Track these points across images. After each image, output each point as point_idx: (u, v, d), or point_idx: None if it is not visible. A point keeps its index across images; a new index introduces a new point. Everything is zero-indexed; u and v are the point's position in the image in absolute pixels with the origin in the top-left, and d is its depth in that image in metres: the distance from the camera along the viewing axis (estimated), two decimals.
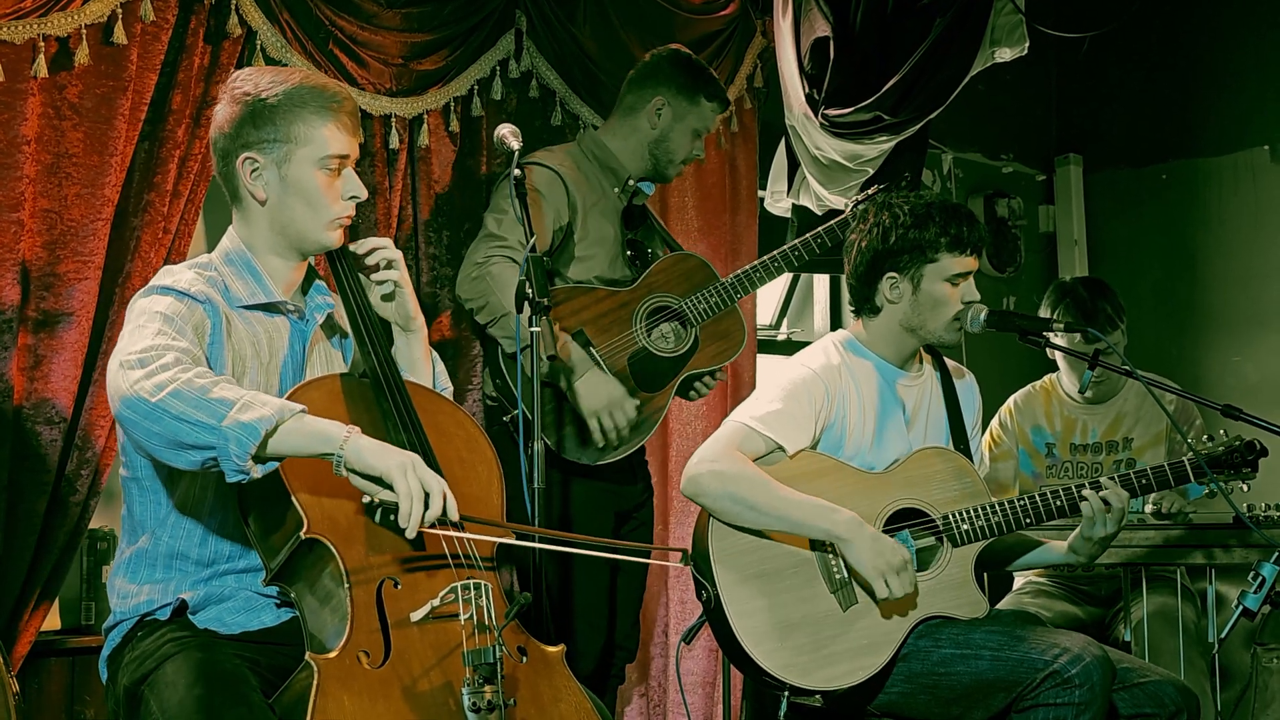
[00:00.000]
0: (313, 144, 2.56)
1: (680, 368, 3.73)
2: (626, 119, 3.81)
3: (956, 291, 3.19)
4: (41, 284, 3.19)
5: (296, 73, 2.63)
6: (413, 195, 3.90)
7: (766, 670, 2.95)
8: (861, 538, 2.97)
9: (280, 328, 2.65)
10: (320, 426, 2.29)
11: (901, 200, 3.23)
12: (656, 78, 3.80)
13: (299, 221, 2.60)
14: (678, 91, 3.78)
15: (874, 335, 3.28)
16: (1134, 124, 6.08)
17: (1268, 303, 5.63)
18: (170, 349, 2.34)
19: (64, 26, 3.17)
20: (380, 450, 2.29)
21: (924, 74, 4.59)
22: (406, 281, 2.73)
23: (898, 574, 2.95)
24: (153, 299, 2.48)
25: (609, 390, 3.50)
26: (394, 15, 3.81)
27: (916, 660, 3.01)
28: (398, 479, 2.27)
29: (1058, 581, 4.19)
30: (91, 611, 3.55)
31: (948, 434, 3.32)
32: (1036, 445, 4.27)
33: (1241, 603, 2.91)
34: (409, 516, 2.27)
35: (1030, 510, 3.10)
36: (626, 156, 3.80)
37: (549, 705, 2.38)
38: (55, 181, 3.21)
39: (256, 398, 2.27)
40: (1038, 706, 2.86)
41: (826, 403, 3.15)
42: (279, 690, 2.30)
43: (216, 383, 2.28)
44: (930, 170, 5.70)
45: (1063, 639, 2.93)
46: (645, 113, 3.78)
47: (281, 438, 2.26)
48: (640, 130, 3.79)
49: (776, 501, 3.00)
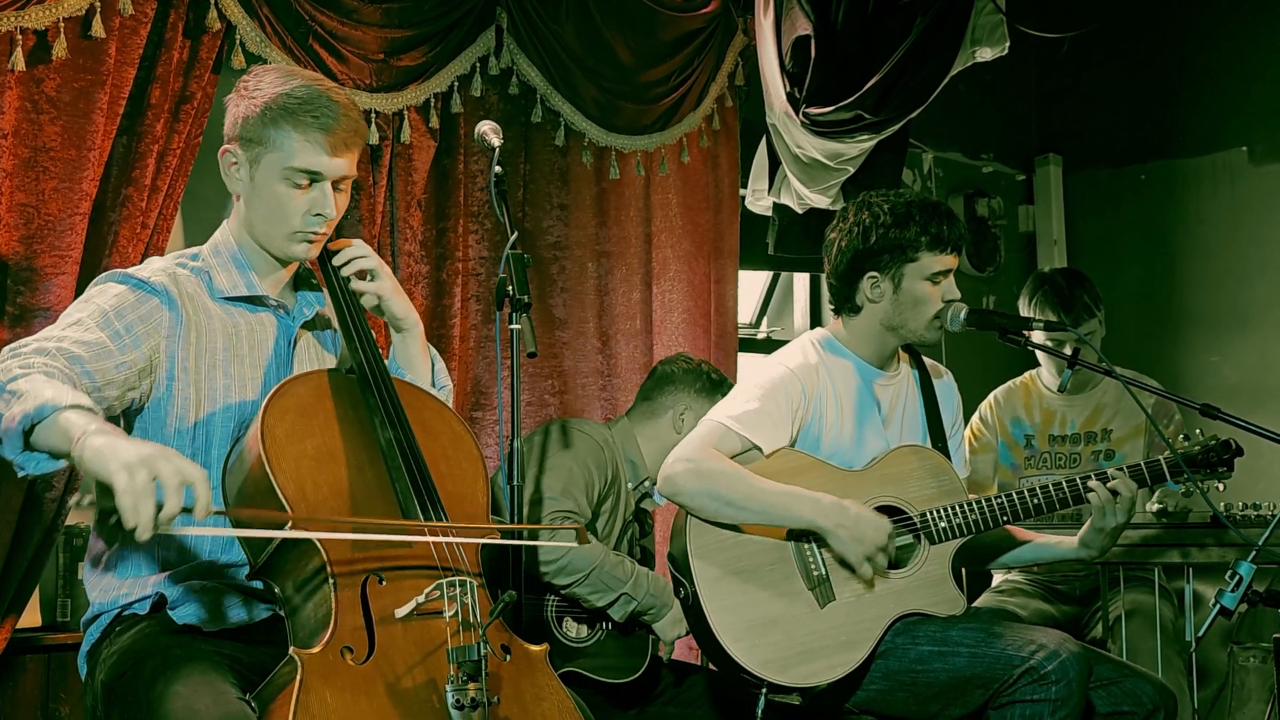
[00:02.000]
0: (280, 151, 2.53)
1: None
2: (650, 421, 3.84)
3: (937, 290, 3.19)
4: (18, 278, 3.17)
5: (303, 80, 2.59)
6: (390, 192, 3.89)
7: (745, 667, 2.95)
8: (840, 526, 2.98)
9: (265, 323, 2.65)
10: (67, 424, 2.11)
11: (882, 199, 3.22)
12: (675, 385, 3.84)
13: (260, 226, 2.60)
14: (697, 394, 3.82)
15: (854, 334, 3.28)
16: (1114, 124, 6.10)
17: (1246, 303, 5.65)
18: (57, 341, 2.32)
19: (42, 20, 3.15)
20: (108, 449, 2.06)
21: (905, 73, 4.60)
22: (392, 288, 2.70)
23: (882, 552, 2.99)
24: (105, 286, 2.49)
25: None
26: (374, 10, 3.80)
27: (894, 658, 3.01)
28: (118, 477, 2.01)
29: (1034, 580, 4.21)
30: (68, 608, 3.53)
31: (925, 433, 3.32)
32: (1015, 437, 4.29)
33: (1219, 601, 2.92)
34: (134, 513, 2.01)
35: (1007, 508, 3.11)
36: (651, 457, 3.80)
37: (531, 704, 2.37)
38: (32, 175, 3.19)
39: (38, 391, 2.14)
40: (1015, 703, 2.87)
41: (804, 402, 3.15)
42: (261, 685, 2.29)
43: (29, 374, 2.19)
44: (911, 169, 5.71)
45: (1039, 636, 2.93)
46: (668, 419, 3.81)
47: (41, 435, 2.14)
48: (663, 435, 3.80)
49: (755, 494, 3.00)
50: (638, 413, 3.86)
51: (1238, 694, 4.44)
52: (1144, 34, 5.95)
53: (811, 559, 3.04)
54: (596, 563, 3.43)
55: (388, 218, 3.89)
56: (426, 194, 3.97)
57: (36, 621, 3.52)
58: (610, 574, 3.46)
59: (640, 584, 3.50)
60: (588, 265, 4.43)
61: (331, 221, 2.60)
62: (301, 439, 2.41)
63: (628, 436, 3.80)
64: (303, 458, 2.39)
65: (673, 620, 3.54)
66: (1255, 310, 5.63)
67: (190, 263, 2.62)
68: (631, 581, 3.48)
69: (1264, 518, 3.51)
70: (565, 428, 3.66)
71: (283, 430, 2.40)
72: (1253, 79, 5.64)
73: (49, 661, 3.42)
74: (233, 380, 2.56)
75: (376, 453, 2.48)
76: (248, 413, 2.55)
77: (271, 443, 2.36)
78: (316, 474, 2.38)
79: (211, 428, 2.54)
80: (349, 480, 2.43)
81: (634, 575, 3.50)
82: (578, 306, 4.41)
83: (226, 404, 2.55)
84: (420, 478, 2.45)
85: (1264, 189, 5.62)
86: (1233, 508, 3.57)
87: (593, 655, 3.56)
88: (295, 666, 2.18)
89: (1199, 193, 5.83)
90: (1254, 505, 3.57)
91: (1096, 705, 2.98)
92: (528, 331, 2.79)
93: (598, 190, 4.45)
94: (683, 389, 3.83)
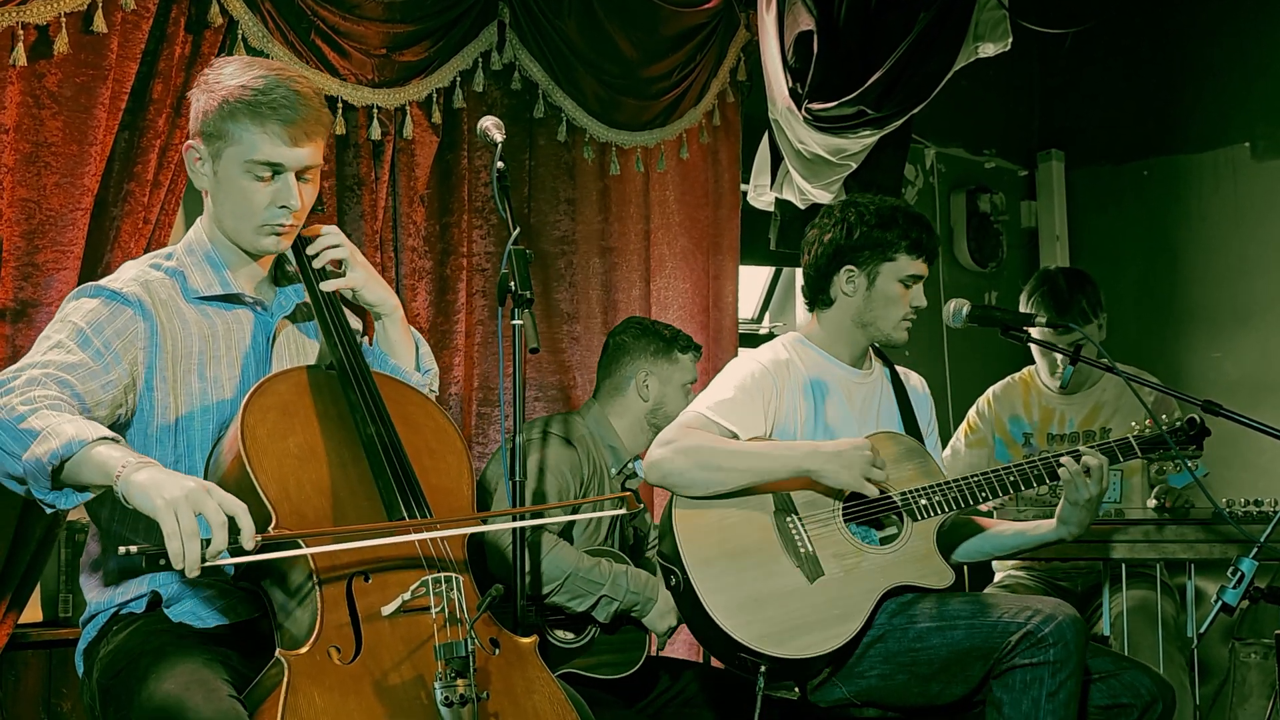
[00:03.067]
0: (241, 145, 2.50)
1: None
2: (617, 398, 3.81)
3: (908, 294, 3.30)
4: (20, 274, 3.16)
5: (263, 69, 2.55)
6: (393, 187, 3.89)
7: (741, 642, 2.96)
8: (827, 459, 3.06)
9: (242, 320, 2.63)
10: (102, 460, 2.16)
11: (868, 201, 3.35)
12: (630, 353, 3.80)
13: (228, 221, 2.58)
14: (654, 356, 3.79)
15: (826, 331, 3.36)
16: (1116, 120, 6.09)
17: (1248, 299, 5.65)
18: (43, 367, 2.30)
19: (43, 14, 3.14)
20: (152, 486, 2.11)
21: (908, 69, 4.60)
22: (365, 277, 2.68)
23: (872, 465, 3.06)
24: (80, 302, 2.47)
25: None
26: (376, 6, 3.79)
27: (893, 639, 3.03)
28: (164, 518, 2.08)
29: (1036, 576, 4.21)
30: (70, 604, 3.53)
31: (901, 430, 3.36)
32: (1014, 435, 4.29)
33: (1220, 598, 2.92)
34: (180, 557, 2.08)
35: (984, 485, 3.17)
36: (628, 434, 3.79)
37: (522, 697, 2.36)
38: (34, 170, 3.19)
39: (59, 428, 2.17)
40: (1014, 669, 2.89)
41: (775, 397, 3.22)
42: (248, 688, 2.28)
43: (37, 410, 2.20)
44: (913, 165, 5.71)
45: (1034, 602, 2.97)
46: (634, 389, 3.78)
47: (72, 470, 2.18)
48: (633, 408, 3.79)
49: (741, 457, 3.07)
50: (604, 392, 3.83)
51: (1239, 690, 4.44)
52: (1146, 30, 5.94)
53: (797, 536, 3.07)
54: (569, 570, 3.41)
55: (390, 214, 3.89)
56: (429, 189, 3.96)
57: (38, 617, 3.53)
58: (585, 579, 3.44)
59: (619, 583, 3.48)
60: (593, 260, 4.43)
61: (300, 212, 2.57)
62: (283, 437, 2.40)
63: (601, 422, 3.78)
64: (285, 456, 2.38)
65: (660, 613, 3.53)
66: (1256, 306, 5.62)
67: (165, 263, 2.60)
68: (610, 582, 3.46)
69: (1265, 514, 3.52)
70: (544, 433, 3.63)
71: (264, 429, 2.39)
72: (1255, 75, 5.64)
73: (51, 657, 3.42)
74: (208, 383, 2.55)
75: (359, 449, 2.47)
76: (227, 413, 2.54)
77: (252, 442, 2.35)
78: (299, 472, 2.37)
79: (191, 432, 2.53)
80: (331, 478, 2.42)
81: (611, 575, 3.47)
82: (584, 300, 4.41)
83: (205, 406, 2.54)
84: (403, 473, 2.44)
85: (1266, 185, 5.62)
86: (1234, 504, 3.57)
87: (588, 655, 3.55)
88: (282, 668, 2.17)
89: (1201, 189, 5.83)
90: (1255, 501, 3.57)
91: (1094, 698, 3.00)
92: (530, 327, 2.79)
93: (601, 185, 4.45)
94: (638, 355, 3.79)
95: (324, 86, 3.66)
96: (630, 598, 3.49)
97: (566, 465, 3.57)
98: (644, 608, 3.53)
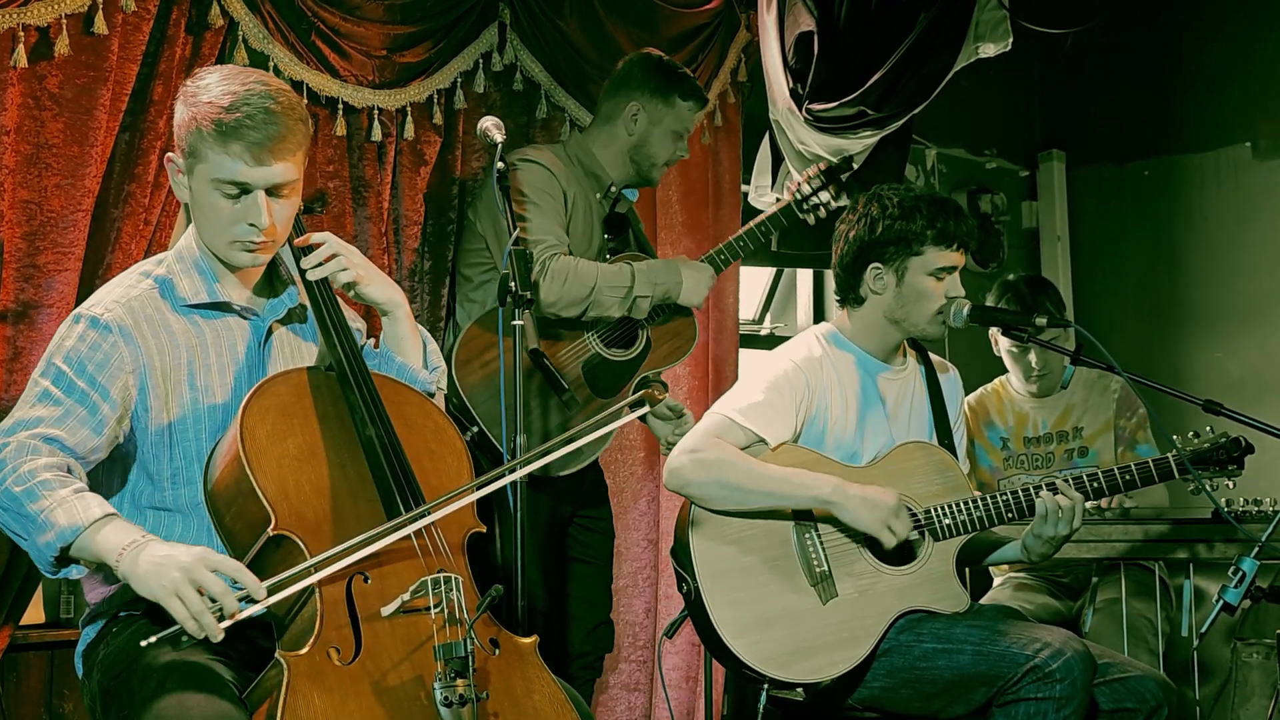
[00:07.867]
0: (208, 163, 2.48)
1: (634, 370, 3.72)
2: (605, 126, 3.81)
3: (941, 286, 3.19)
4: (20, 275, 3.17)
5: (239, 84, 2.49)
6: (394, 189, 3.89)
7: (747, 663, 2.96)
8: (850, 497, 2.99)
9: (232, 327, 2.63)
10: (102, 545, 2.26)
11: (891, 191, 3.24)
12: (630, 83, 3.78)
13: (205, 234, 2.58)
14: (652, 94, 3.76)
15: (858, 327, 3.28)
16: (1117, 120, 6.08)
17: (1250, 299, 5.64)
18: (31, 427, 2.37)
19: (44, 16, 3.15)
20: (152, 574, 2.21)
21: (908, 69, 4.60)
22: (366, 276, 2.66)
23: (897, 517, 2.99)
24: (62, 338, 2.49)
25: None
26: (376, 7, 3.80)
27: (898, 655, 3.01)
28: (171, 605, 2.19)
29: (1038, 575, 4.21)
30: (71, 605, 3.54)
31: (931, 428, 3.32)
32: (992, 441, 4.32)
33: (1222, 598, 2.92)
34: (200, 631, 2.18)
35: (1013, 505, 3.10)
36: (609, 163, 3.79)
37: (522, 697, 2.36)
38: (35, 172, 3.19)
39: (58, 510, 2.27)
40: (1019, 701, 2.86)
41: (808, 395, 3.15)
42: (248, 689, 2.28)
43: (30, 487, 2.28)
44: (914, 165, 5.71)
45: (1044, 634, 2.93)
46: (622, 119, 3.77)
47: (72, 553, 2.30)
48: (619, 137, 3.78)
49: (761, 479, 3.01)
50: (595, 121, 3.85)
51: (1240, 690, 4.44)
52: (1147, 30, 5.94)
53: (814, 554, 3.04)
54: (594, 283, 3.44)
55: (392, 214, 3.89)
56: (430, 190, 3.96)
57: (40, 618, 3.53)
58: (612, 284, 3.48)
59: (642, 277, 3.51)
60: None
61: (275, 228, 2.53)
62: (283, 438, 2.41)
63: (582, 150, 3.78)
64: (285, 457, 2.38)
65: (691, 287, 3.59)
66: (1258, 306, 5.62)
67: (155, 269, 2.61)
68: (637, 280, 3.49)
69: (1266, 513, 3.50)
70: (517, 164, 3.59)
71: (263, 430, 2.39)
72: (1256, 74, 5.63)
73: (52, 658, 3.42)
74: (199, 391, 2.55)
75: (358, 450, 2.47)
76: (219, 420, 2.54)
77: (252, 443, 2.35)
78: (298, 473, 2.37)
79: (186, 443, 2.53)
80: (331, 479, 2.42)
81: (633, 274, 3.50)
82: None
83: (197, 414, 2.54)
84: (402, 473, 2.44)
85: (1267, 185, 5.61)
86: (1235, 503, 3.57)
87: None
88: (281, 670, 2.18)
89: (1202, 189, 5.82)
90: (1255, 501, 3.56)
91: (1100, 702, 2.97)
92: (530, 327, 2.80)
93: None
94: (636, 87, 3.76)
95: (324, 88, 3.67)
96: (660, 289, 3.53)
97: (542, 183, 3.57)
98: (675, 289, 3.57)
